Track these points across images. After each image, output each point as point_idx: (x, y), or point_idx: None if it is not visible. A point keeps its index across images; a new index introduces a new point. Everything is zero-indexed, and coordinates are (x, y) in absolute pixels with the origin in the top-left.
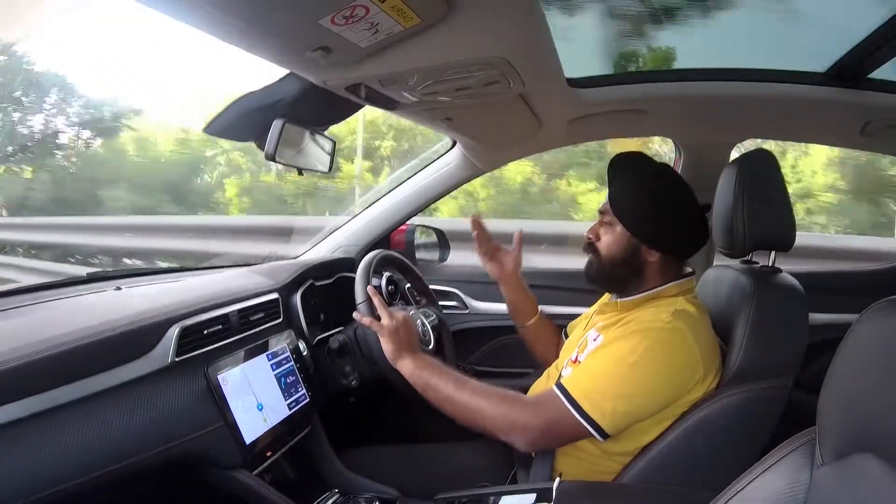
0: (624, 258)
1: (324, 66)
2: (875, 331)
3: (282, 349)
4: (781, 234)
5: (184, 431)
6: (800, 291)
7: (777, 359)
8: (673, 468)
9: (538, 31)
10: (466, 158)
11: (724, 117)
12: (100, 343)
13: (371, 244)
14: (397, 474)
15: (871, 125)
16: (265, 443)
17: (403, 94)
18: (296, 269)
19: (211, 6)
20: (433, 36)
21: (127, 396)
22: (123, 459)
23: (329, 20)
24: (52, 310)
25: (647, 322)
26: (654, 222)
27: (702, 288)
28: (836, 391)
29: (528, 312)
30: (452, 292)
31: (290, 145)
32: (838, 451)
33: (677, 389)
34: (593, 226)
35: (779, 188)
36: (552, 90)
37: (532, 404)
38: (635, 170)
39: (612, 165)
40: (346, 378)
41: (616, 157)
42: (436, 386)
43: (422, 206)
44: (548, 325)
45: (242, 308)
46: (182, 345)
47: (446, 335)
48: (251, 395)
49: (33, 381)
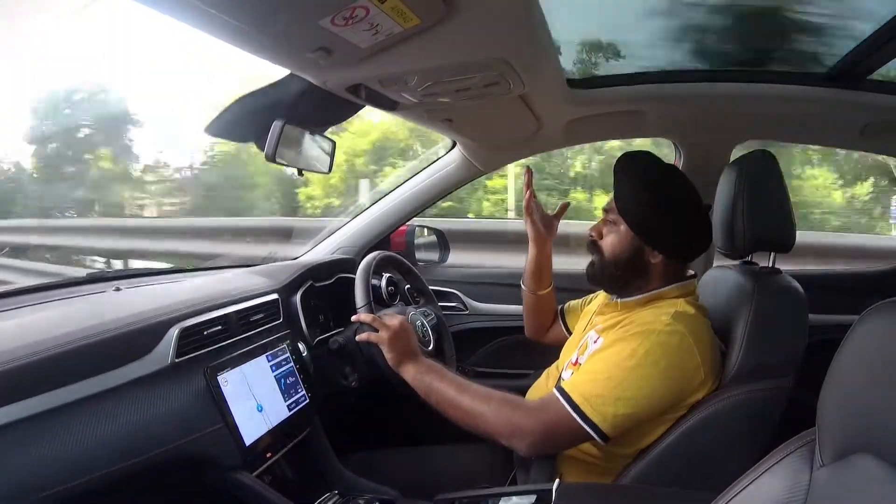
0: (627, 259)
1: (324, 66)
2: (875, 332)
3: (281, 350)
4: (781, 235)
5: (184, 432)
6: (799, 292)
7: (777, 359)
8: (673, 469)
9: (538, 32)
10: (466, 159)
11: (723, 118)
12: (99, 344)
13: (371, 245)
14: (397, 475)
15: (871, 126)
16: (265, 444)
17: (403, 95)
18: (295, 269)
19: (211, 7)
20: (433, 37)
21: (127, 397)
22: (123, 460)
23: (329, 21)
24: (52, 311)
25: (647, 324)
26: (660, 224)
27: (701, 289)
28: (835, 392)
29: (544, 281)
30: (452, 293)
31: (289, 146)
32: (838, 451)
33: (678, 392)
34: (596, 224)
35: (779, 189)
36: (552, 91)
37: (533, 409)
38: (643, 169)
39: (619, 162)
40: (346, 379)
41: (623, 156)
42: (437, 390)
43: (421, 206)
44: (552, 302)
45: (242, 309)
46: (182, 346)
47: (445, 334)
48: (251, 396)
49: (33, 383)
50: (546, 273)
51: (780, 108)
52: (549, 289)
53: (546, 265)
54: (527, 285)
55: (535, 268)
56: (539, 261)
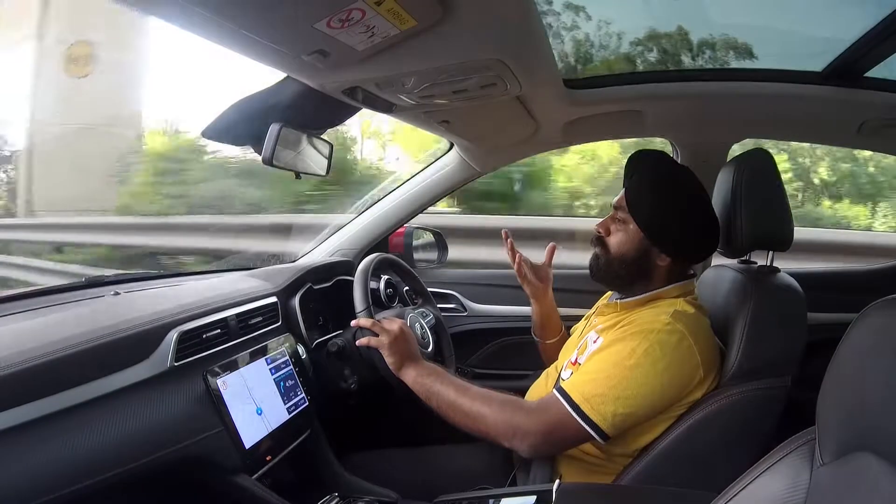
0: (634, 259)
1: (320, 69)
2: (873, 330)
3: (281, 353)
4: (779, 233)
5: (183, 436)
6: (798, 291)
7: (776, 358)
8: (673, 469)
9: (534, 33)
10: (464, 161)
11: (721, 117)
12: (99, 348)
13: (369, 247)
14: (397, 477)
15: (867, 124)
16: (265, 447)
17: (400, 97)
18: (294, 272)
19: (207, 11)
20: (429, 39)
21: (126, 401)
22: (123, 464)
23: (325, 24)
24: (51, 315)
25: (646, 324)
26: (671, 228)
27: (700, 288)
28: (834, 390)
29: (554, 330)
30: (451, 294)
31: (287, 149)
32: (837, 450)
33: (677, 391)
34: (604, 220)
35: (777, 188)
36: (549, 91)
37: (533, 409)
38: (656, 169)
39: (632, 159)
40: (346, 381)
41: (638, 152)
42: (438, 393)
43: (419, 208)
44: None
45: (241, 312)
46: (181, 349)
47: (444, 336)
48: (250, 399)
49: (32, 387)
50: (553, 322)
51: (777, 106)
52: (560, 335)
53: (551, 314)
54: (537, 336)
55: (541, 320)
56: (543, 312)
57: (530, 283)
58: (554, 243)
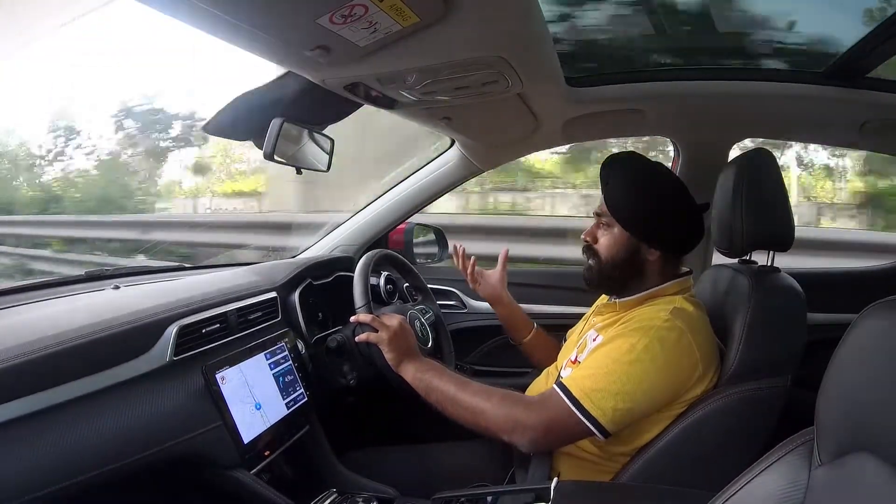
0: (624, 258)
1: (322, 64)
2: (873, 330)
3: (280, 348)
4: (780, 233)
5: (182, 431)
6: (798, 291)
7: (775, 358)
8: (671, 468)
9: (536, 30)
10: (465, 157)
11: (722, 117)
12: (98, 342)
13: (369, 243)
14: (395, 474)
15: (869, 124)
16: (263, 442)
17: (402, 94)
18: (294, 267)
19: (209, 5)
20: (432, 35)
21: (125, 395)
22: (121, 459)
23: (328, 19)
24: (50, 308)
25: (645, 320)
26: (653, 220)
27: (700, 287)
28: (833, 390)
29: (524, 328)
30: (451, 291)
31: (288, 144)
32: (836, 450)
33: (677, 387)
34: (590, 228)
35: (778, 188)
36: (550, 89)
37: (533, 404)
38: (630, 169)
39: (605, 166)
40: (345, 377)
41: (609, 158)
42: (438, 389)
43: (420, 205)
44: (543, 337)
45: (240, 307)
46: (180, 344)
47: (444, 333)
48: (249, 394)
49: (31, 380)
50: (520, 321)
51: (778, 106)
52: (533, 331)
53: (515, 314)
54: (513, 339)
55: (507, 322)
56: (504, 314)
57: (484, 289)
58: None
